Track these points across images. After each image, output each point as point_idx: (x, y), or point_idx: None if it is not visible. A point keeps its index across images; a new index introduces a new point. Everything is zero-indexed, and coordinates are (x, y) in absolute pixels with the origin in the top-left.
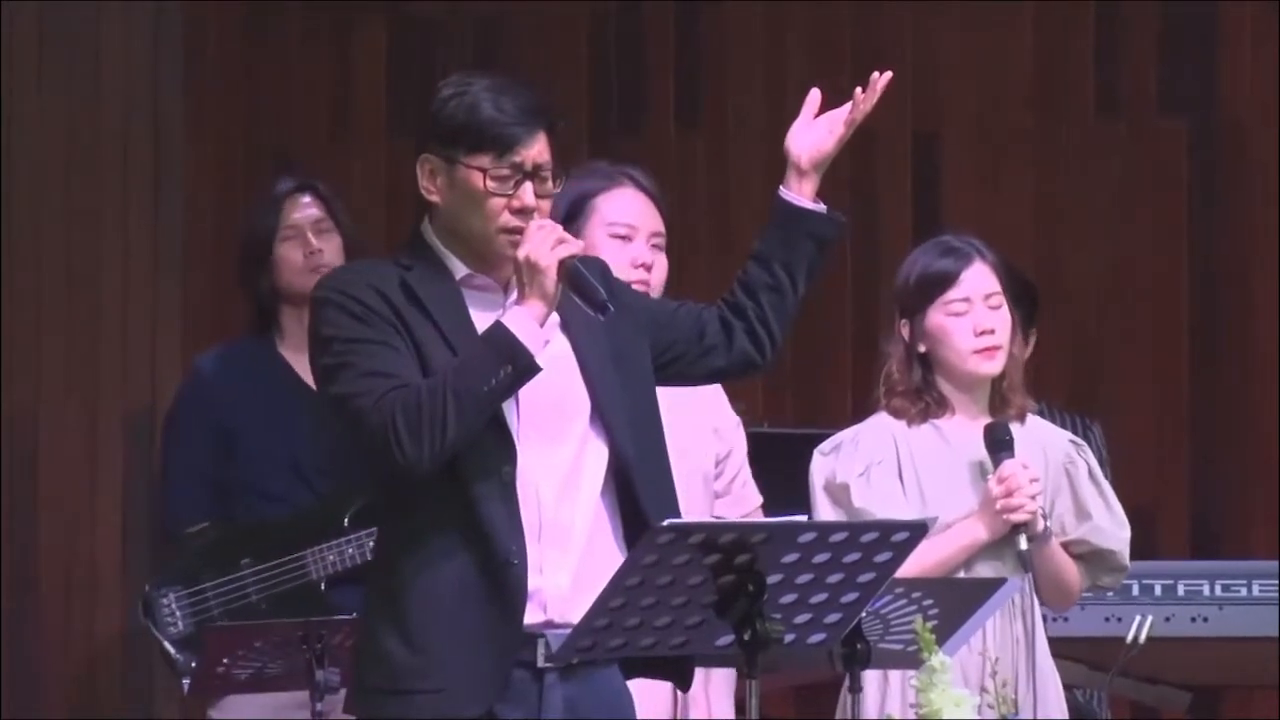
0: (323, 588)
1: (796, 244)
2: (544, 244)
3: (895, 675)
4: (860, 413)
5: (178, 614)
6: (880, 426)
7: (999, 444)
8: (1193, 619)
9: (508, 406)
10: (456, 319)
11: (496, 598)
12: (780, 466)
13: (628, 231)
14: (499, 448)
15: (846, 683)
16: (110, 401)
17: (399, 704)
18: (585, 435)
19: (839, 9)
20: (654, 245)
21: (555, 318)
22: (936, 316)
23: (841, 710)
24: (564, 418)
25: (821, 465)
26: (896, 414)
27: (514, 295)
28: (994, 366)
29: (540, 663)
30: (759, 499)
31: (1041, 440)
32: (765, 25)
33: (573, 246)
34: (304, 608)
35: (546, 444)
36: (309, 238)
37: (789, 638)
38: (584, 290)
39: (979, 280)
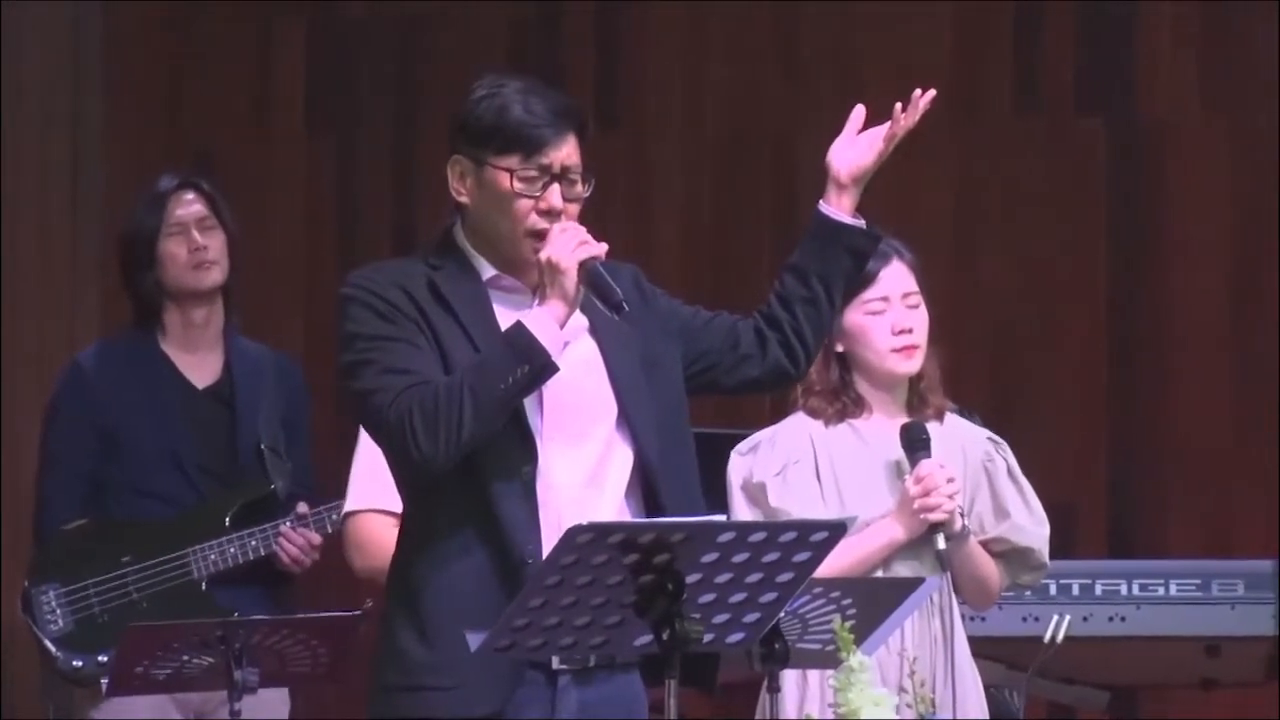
0: (204, 587)
1: (834, 257)
2: (565, 246)
3: (814, 675)
4: (779, 413)
5: (58, 611)
6: (797, 426)
7: (916, 444)
8: (1110, 618)
9: (531, 407)
10: (481, 319)
11: (512, 597)
12: (699, 465)
13: None
14: (520, 448)
15: (765, 682)
16: (25, 404)
17: (413, 700)
18: (610, 438)
19: (758, 8)
20: None
21: (583, 320)
22: (854, 316)
23: (760, 710)
24: (588, 420)
25: (739, 465)
26: (814, 414)
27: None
28: (912, 365)
29: (554, 664)
30: None
31: (960, 438)
32: (685, 26)
33: (594, 249)
34: (186, 606)
35: (570, 445)
36: (194, 234)
37: (708, 637)
38: (601, 289)
39: (896, 280)
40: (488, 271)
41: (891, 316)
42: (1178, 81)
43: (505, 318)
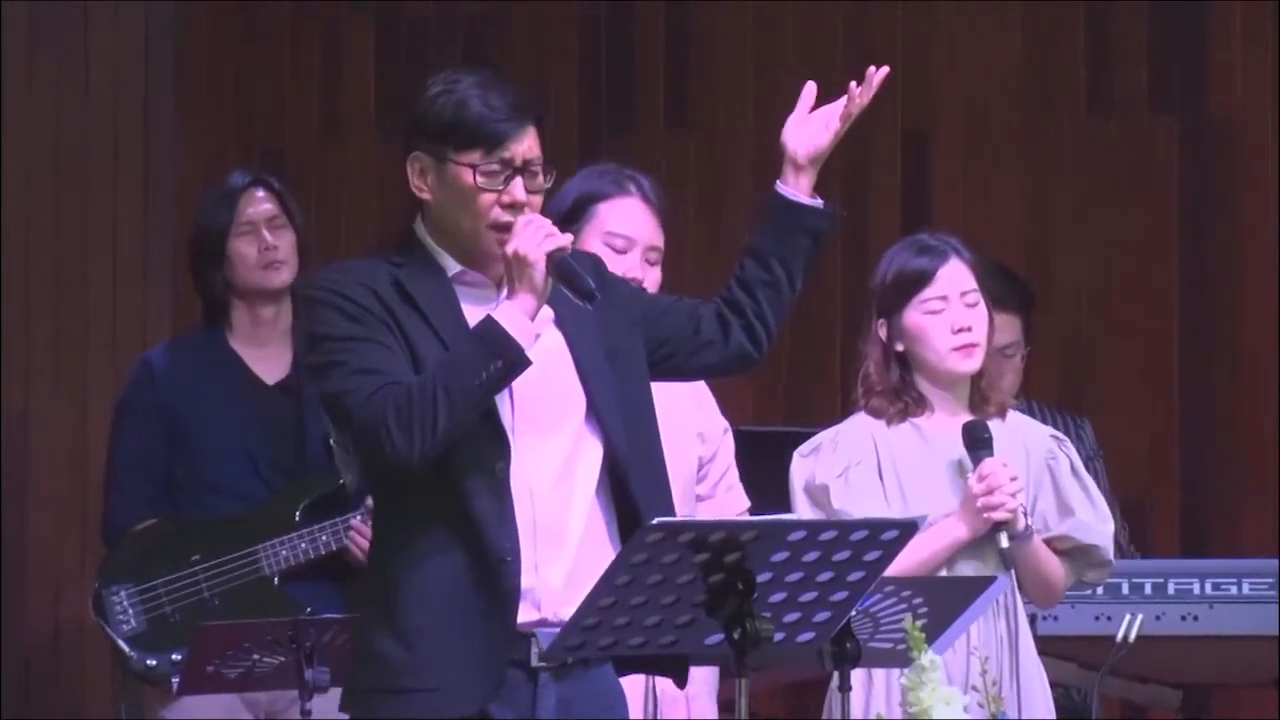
0: (276, 583)
1: (793, 239)
2: (532, 238)
3: (880, 673)
4: (849, 413)
5: (129, 611)
6: (859, 427)
7: (978, 442)
8: (1183, 617)
9: (502, 402)
10: (449, 316)
11: (489, 595)
12: (768, 465)
13: (625, 245)
14: (492, 443)
15: (834, 681)
16: (100, 403)
17: (392, 703)
18: (580, 431)
19: (829, 8)
20: (649, 260)
21: (548, 312)
22: (914, 315)
23: (829, 709)
24: (558, 413)
25: (801, 467)
26: (875, 414)
27: (505, 291)
28: (972, 364)
29: (534, 662)
30: (746, 503)
31: (1023, 436)
32: (756, 25)
33: (560, 240)
34: (258, 603)
35: (541, 440)
36: (264, 234)
37: (778, 636)
38: (571, 280)
39: (955, 278)
40: (452, 267)
41: (950, 315)
42: (1250, 80)
43: (471, 313)
